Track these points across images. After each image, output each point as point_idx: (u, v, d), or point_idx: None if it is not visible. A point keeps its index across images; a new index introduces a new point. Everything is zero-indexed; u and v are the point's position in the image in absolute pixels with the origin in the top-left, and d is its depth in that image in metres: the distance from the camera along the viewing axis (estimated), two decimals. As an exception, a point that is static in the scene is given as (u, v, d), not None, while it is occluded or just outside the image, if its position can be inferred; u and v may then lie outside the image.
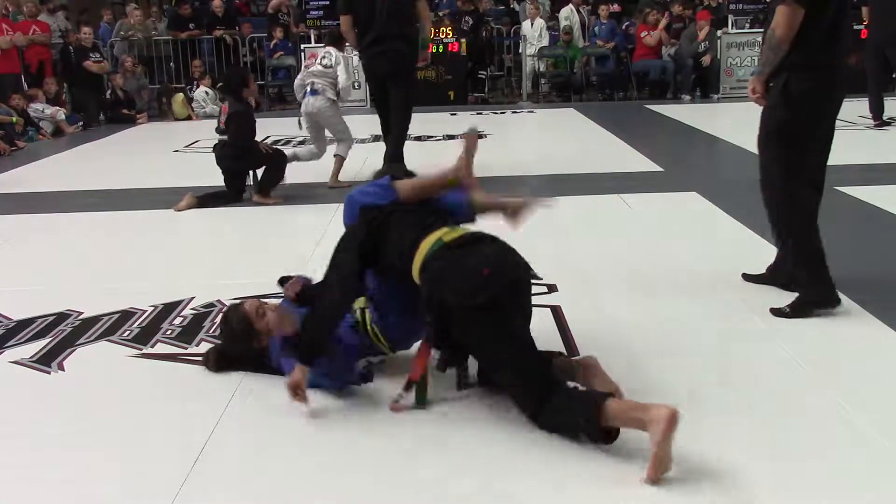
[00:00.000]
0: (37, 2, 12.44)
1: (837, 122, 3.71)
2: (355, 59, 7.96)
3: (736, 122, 10.03)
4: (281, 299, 3.25)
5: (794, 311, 3.52)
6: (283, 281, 3.30)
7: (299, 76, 6.93)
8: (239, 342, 3.11)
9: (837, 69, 3.58)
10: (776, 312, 3.52)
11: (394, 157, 6.99)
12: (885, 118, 9.00)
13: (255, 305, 3.14)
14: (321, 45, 9.30)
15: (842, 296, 3.70)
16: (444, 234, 2.80)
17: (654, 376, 2.98)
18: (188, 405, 2.89)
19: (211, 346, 3.28)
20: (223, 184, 6.24)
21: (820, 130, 3.68)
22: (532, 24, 13.47)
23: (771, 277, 3.89)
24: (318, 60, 6.70)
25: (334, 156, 6.81)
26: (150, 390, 3.05)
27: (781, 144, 3.61)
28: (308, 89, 6.63)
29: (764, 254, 4.43)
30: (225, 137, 6.20)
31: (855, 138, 8.56)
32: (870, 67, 9.03)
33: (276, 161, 6.27)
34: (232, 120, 6.08)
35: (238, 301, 3.30)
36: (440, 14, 13.39)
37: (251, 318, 3.09)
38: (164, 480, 2.40)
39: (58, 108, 11.03)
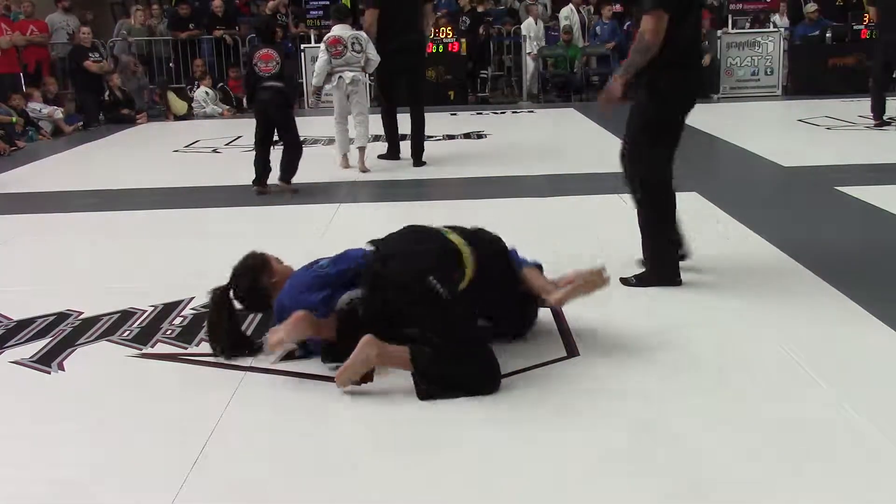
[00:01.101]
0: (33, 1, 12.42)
1: (836, 122, 3.72)
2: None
3: (736, 122, 10.06)
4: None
5: (640, 281, 3.89)
6: None
7: (323, 62, 7.10)
8: (249, 274, 3.28)
9: (700, 69, 4.02)
10: (624, 281, 3.87)
11: (421, 154, 7.65)
12: (885, 118, 8.99)
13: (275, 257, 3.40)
14: (318, 45, 9.33)
15: (842, 295, 3.71)
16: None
17: (654, 376, 2.98)
18: (188, 405, 2.89)
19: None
20: (255, 148, 6.51)
21: (679, 127, 4.00)
22: (536, 23, 13.44)
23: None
24: (350, 48, 7.00)
25: (358, 149, 7.31)
26: (149, 390, 3.05)
27: (648, 140, 3.91)
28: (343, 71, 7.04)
29: (763, 254, 4.44)
30: (275, 83, 6.32)
31: (855, 138, 8.57)
32: (875, 67, 9.01)
33: (298, 144, 6.57)
34: (288, 59, 6.52)
35: None
36: (438, 14, 13.38)
37: (269, 257, 3.35)
38: (164, 480, 2.40)
39: (55, 107, 11.02)
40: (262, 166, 6.40)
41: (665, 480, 2.32)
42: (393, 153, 7.89)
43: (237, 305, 3.33)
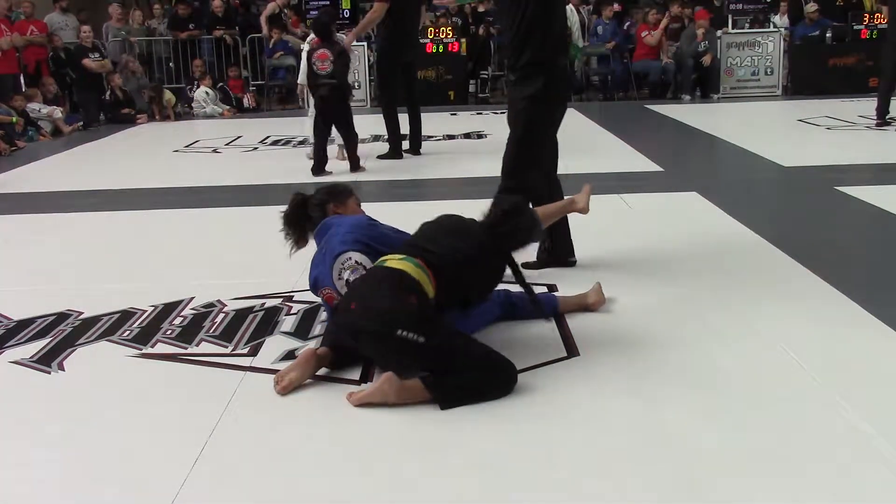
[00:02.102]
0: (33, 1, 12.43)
1: (836, 122, 3.72)
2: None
3: (736, 123, 10.06)
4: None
5: (539, 264, 4.10)
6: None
7: (306, 64, 7.39)
8: (330, 193, 3.59)
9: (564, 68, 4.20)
10: (525, 265, 3.82)
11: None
12: (886, 118, 8.97)
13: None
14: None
15: (842, 295, 3.71)
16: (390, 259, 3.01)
17: (654, 376, 2.98)
18: (188, 405, 2.89)
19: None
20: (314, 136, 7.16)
21: (554, 127, 4.16)
22: None
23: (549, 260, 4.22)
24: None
25: (338, 146, 7.63)
26: (150, 390, 3.05)
27: (527, 140, 4.04)
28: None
29: (763, 254, 4.44)
30: (330, 81, 6.93)
31: (855, 138, 8.57)
32: (885, 66, 8.94)
33: (353, 135, 7.31)
34: (344, 56, 6.99)
35: None
36: (437, 14, 13.38)
37: (353, 194, 3.64)
38: (165, 480, 2.40)
39: (55, 107, 11.02)
40: (319, 156, 7.14)
41: (665, 480, 2.32)
42: (397, 153, 7.97)
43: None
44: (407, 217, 5.74)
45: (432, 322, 2.86)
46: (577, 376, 3.00)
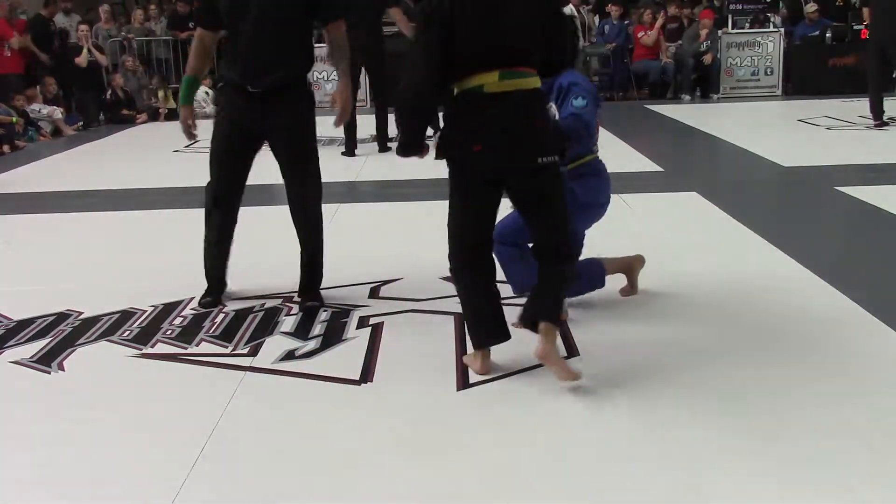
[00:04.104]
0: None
1: (836, 122, 3.73)
2: None
3: (736, 123, 10.06)
4: None
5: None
6: None
7: None
8: None
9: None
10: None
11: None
12: (885, 118, 8.99)
13: None
14: (320, 44, 9.47)
15: (842, 296, 3.70)
16: (489, 80, 2.79)
17: (653, 376, 2.98)
18: (188, 405, 2.89)
19: None
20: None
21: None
22: None
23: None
24: None
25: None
26: (150, 390, 3.04)
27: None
28: None
29: (763, 254, 4.44)
30: None
31: (855, 138, 8.57)
32: (870, 67, 9.03)
33: None
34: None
35: None
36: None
37: None
38: (165, 480, 2.40)
39: (55, 107, 11.02)
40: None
41: (665, 481, 2.33)
42: (350, 151, 8.31)
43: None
44: (408, 216, 5.74)
45: None
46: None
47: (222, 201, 3.84)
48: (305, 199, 3.82)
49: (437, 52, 2.79)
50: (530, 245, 3.13)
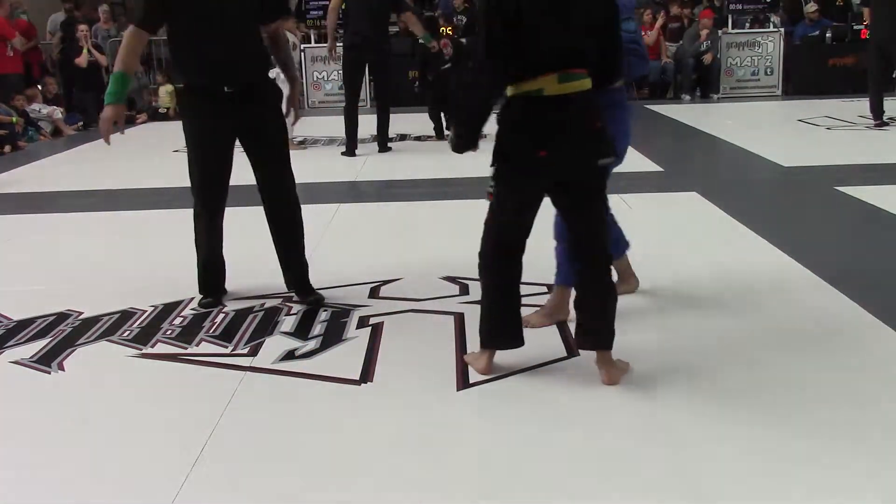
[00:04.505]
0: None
1: (836, 122, 3.72)
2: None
3: (736, 123, 10.06)
4: None
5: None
6: None
7: None
8: None
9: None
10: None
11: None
12: (885, 118, 8.99)
13: None
14: (322, 44, 9.55)
15: (842, 295, 3.70)
16: (549, 83, 2.79)
17: (653, 376, 2.98)
18: (188, 405, 2.89)
19: None
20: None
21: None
22: None
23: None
24: None
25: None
26: (149, 390, 3.05)
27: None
28: None
29: (763, 254, 4.44)
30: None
31: (855, 138, 8.57)
32: (871, 67, 9.03)
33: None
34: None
35: None
36: (436, 14, 13.37)
37: None
38: (164, 481, 2.40)
39: (55, 107, 11.02)
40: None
41: (666, 481, 2.32)
42: (350, 151, 8.24)
43: None
44: (407, 216, 5.75)
45: None
46: (577, 376, 3.00)
47: (210, 204, 3.87)
48: (289, 192, 3.86)
49: (502, 49, 2.78)
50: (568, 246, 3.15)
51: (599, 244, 2.96)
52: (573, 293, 3.07)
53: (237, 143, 3.79)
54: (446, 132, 9.10)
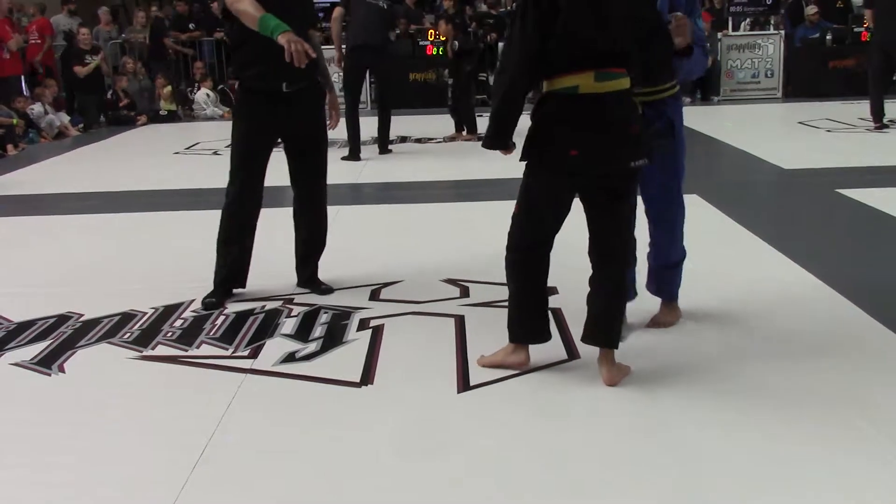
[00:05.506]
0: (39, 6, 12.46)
1: (836, 125, 3.72)
2: None
3: (736, 125, 10.06)
4: None
5: None
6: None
7: None
8: None
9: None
10: None
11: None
12: (885, 121, 8.99)
13: None
14: (329, 46, 9.61)
15: (840, 296, 3.70)
16: (585, 80, 2.76)
17: (655, 379, 2.97)
18: (189, 408, 2.89)
19: None
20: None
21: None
22: None
23: None
24: None
25: None
26: (150, 393, 3.04)
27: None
28: None
29: (764, 256, 4.44)
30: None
31: (855, 141, 8.57)
32: (873, 68, 9.00)
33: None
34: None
35: None
36: (437, 16, 13.37)
37: None
38: (165, 483, 2.40)
39: (60, 113, 11.03)
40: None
41: (666, 483, 2.32)
42: (355, 155, 8.24)
43: None
44: (409, 218, 5.74)
45: None
46: (576, 378, 3.00)
47: (247, 203, 3.89)
48: (322, 193, 4.00)
49: (534, 41, 2.76)
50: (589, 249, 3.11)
51: (618, 244, 2.96)
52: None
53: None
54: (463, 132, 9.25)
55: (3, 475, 2.49)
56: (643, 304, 3.53)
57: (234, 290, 3.97)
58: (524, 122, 2.86)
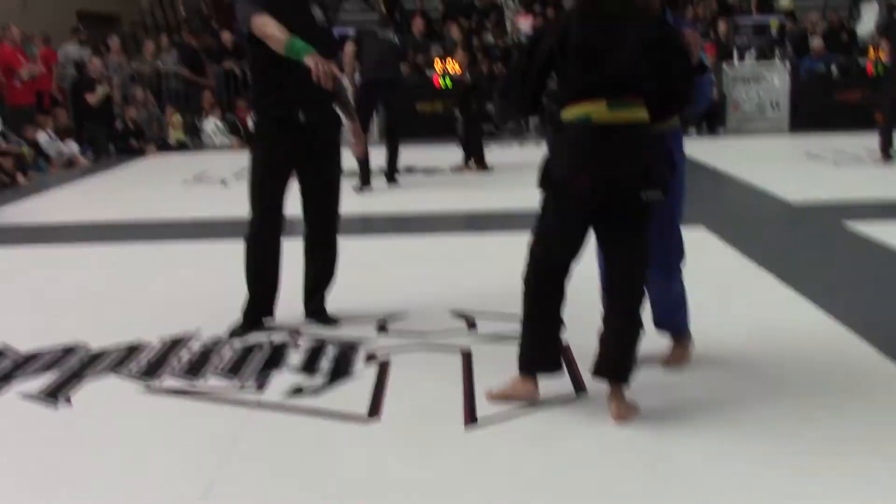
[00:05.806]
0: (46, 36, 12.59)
1: (843, 157, 3.72)
2: None
3: (742, 157, 10.07)
4: None
5: None
6: None
7: None
8: None
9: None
10: None
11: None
12: (891, 153, 8.96)
13: None
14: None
15: (854, 335, 3.68)
16: (597, 109, 2.80)
17: (662, 415, 2.96)
18: (195, 441, 2.88)
19: None
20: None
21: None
22: None
23: None
24: None
25: None
26: (156, 426, 3.04)
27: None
28: None
29: (771, 291, 4.43)
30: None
31: (862, 173, 8.57)
32: (889, 100, 8.96)
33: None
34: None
35: None
36: (445, 48, 13.45)
37: None
38: (171, 518, 2.39)
39: (69, 140, 11.10)
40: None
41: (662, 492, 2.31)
42: (366, 182, 8.25)
43: None
44: (411, 250, 5.74)
45: None
46: (584, 413, 2.99)
47: (269, 232, 3.94)
48: (334, 226, 4.02)
49: (537, 81, 2.89)
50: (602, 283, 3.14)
51: (632, 278, 2.95)
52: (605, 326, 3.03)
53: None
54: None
55: (9, 509, 2.48)
56: (655, 341, 3.52)
57: (264, 319, 3.99)
58: (538, 155, 2.89)
